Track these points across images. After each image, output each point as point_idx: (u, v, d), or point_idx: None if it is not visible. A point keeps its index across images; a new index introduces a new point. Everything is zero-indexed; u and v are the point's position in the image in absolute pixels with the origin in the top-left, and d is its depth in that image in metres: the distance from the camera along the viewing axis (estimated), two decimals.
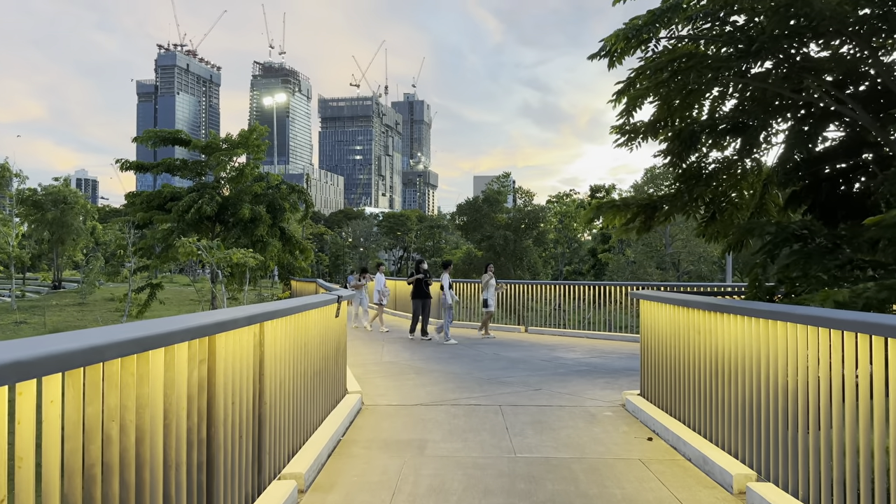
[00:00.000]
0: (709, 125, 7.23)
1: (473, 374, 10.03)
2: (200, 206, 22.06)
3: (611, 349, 13.35)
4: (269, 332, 4.44)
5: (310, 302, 5.51)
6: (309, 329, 5.65)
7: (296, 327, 5.19)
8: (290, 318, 5.00)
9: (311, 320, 5.73)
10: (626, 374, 10.07)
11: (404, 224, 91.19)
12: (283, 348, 4.85)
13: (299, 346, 5.33)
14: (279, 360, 4.72)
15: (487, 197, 47.64)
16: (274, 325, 4.56)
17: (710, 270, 31.97)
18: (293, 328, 5.11)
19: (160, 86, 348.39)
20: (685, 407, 6.13)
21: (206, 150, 23.95)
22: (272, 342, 4.53)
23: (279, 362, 4.72)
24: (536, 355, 12.32)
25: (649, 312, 7.25)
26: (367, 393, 8.30)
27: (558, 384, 9.10)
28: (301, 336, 5.38)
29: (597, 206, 8.09)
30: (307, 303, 5.41)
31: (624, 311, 16.18)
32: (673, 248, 31.84)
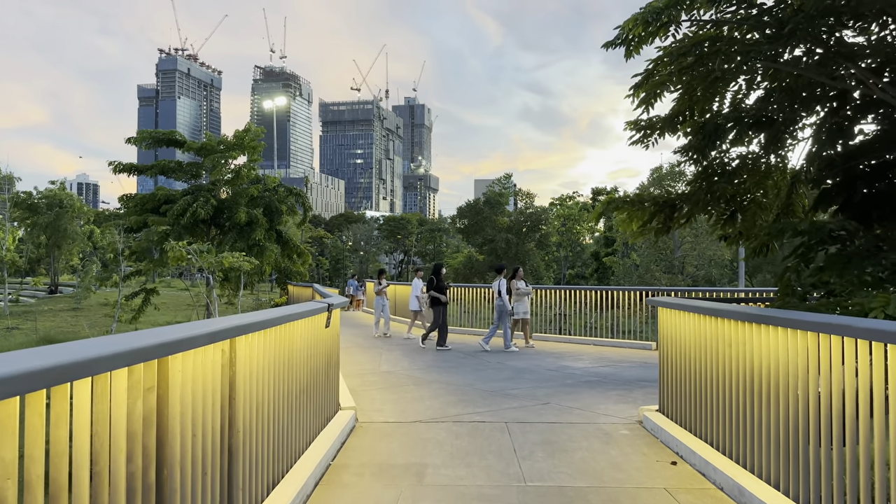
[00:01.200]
0: (734, 118, 6.62)
1: (476, 385, 9.41)
2: (195, 210, 21.47)
3: (620, 357, 12.73)
4: (242, 348, 3.83)
5: (294, 312, 4.90)
6: (294, 342, 5.04)
7: (278, 341, 4.59)
8: (271, 332, 4.40)
9: (297, 332, 5.13)
10: (640, 385, 9.45)
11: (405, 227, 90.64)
12: (262, 366, 4.24)
13: (282, 362, 4.72)
14: (256, 380, 4.12)
15: (488, 199, 46.67)
16: (249, 341, 3.95)
17: (720, 275, 31.17)
18: (274, 342, 4.51)
19: (161, 90, 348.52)
20: (713, 427, 5.51)
21: (201, 152, 23.36)
22: (246, 360, 3.92)
23: (256, 382, 4.11)
24: (542, 364, 11.70)
25: (669, 321, 6.64)
26: (362, 408, 7.69)
27: (568, 397, 8.48)
28: (284, 351, 4.78)
29: (607, 202, 7.47)
30: (291, 313, 4.80)
31: (632, 317, 15.56)
32: (681, 252, 31.09)
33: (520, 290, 13.87)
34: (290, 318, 4.74)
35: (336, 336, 6.88)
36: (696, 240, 29.73)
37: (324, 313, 5.89)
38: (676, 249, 31.13)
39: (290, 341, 4.92)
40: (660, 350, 7.02)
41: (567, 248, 51.04)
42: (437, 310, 14.18)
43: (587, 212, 54.18)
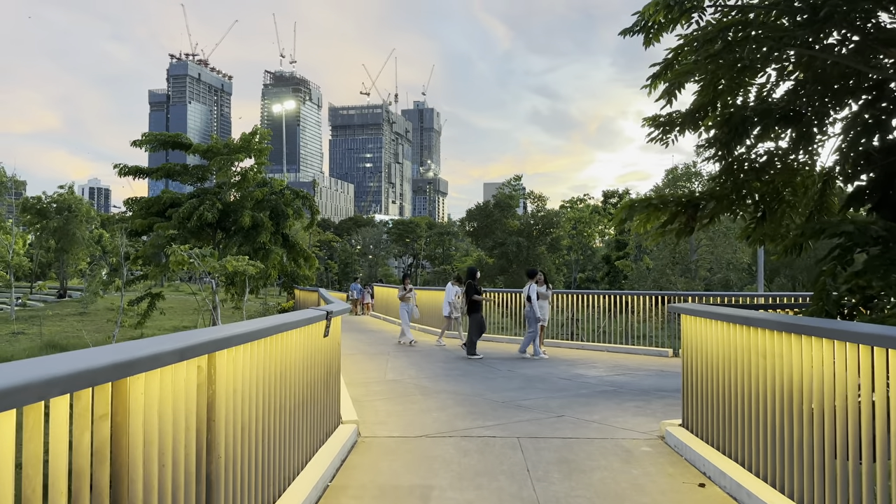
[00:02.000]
0: (762, 110, 6.16)
1: (486, 395, 8.97)
2: (202, 213, 21.14)
3: (635, 365, 12.25)
4: (224, 364, 3.42)
5: (288, 321, 4.48)
6: (288, 354, 4.62)
7: (268, 353, 4.17)
8: (260, 344, 3.98)
9: (292, 343, 4.71)
10: (658, 395, 8.98)
11: (414, 231, 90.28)
12: (249, 382, 3.83)
13: (274, 376, 4.30)
14: (242, 398, 3.70)
15: (499, 202, 45.87)
16: (232, 355, 3.53)
17: (739, 278, 30.47)
18: (264, 355, 4.09)
19: (172, 95, 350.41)
20: (746, 446, 5.05)
21: (206, 155, 23.05)
22: (229, 376, 3.50)
23: (242, 401, 3.70)
24: (554, 372, 11.24)
25: (694, 330, 6.17)
26: (365, 420, 7.26)
27: (583, 408, 8.02)
28: (277, 364, 4.36)
29: (629, 204, 7.01)
30: (283, 322, 4.38)
31: (647, 323, 15.06)
32: (698, 255, 30.40)
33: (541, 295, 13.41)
34: (282, 329, 4.32)
35: (337, 345, 6.46)
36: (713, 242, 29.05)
37: (322, 322, 5.47)
38: (692, 252, 30.44)
39: (283, 353, 4.50)
40: (683, 360, 6.56)
41: (578, 252, 50.31)
42: (476, 316, 13.53)
43: (598, 214, 53.54)
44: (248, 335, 3.66)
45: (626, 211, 6.97)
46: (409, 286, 17.17)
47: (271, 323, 4.14)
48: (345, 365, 12.03)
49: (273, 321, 4.24)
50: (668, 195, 6.90)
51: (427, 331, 19.06)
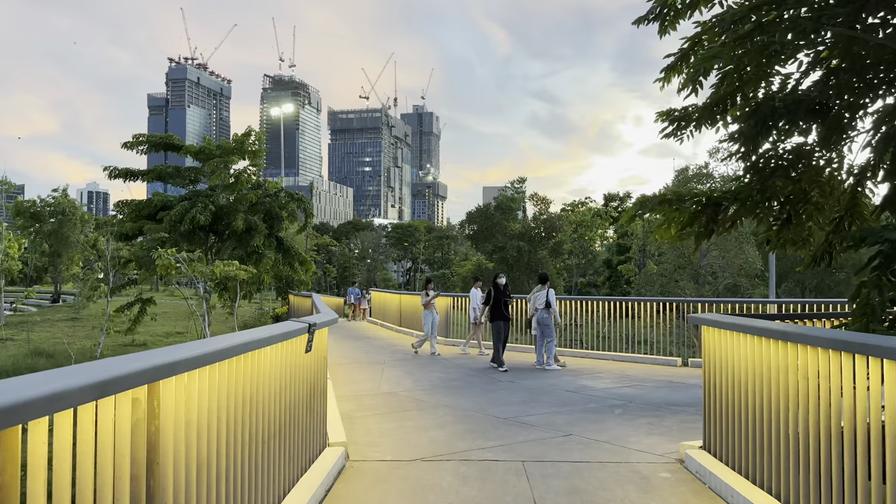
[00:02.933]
0: (793, 101, 5.57)
1: (487, 410, 8.36)
2: (194, 216, 20.53)
3: (643, 375, 11.64)
4: (170, 393, 2.81)
5: (259, 337, 3.87)
6: (261, 374, 4.02)
7: (234, 376, 3.57)
8: (223, 366, 3.38)
9: (266, 362, 4.10)
10: (671, 410, 8.37)
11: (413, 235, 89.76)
12: (208, 411, 3.22)
13: (242, 401, 3.70)
14: (198, 432, 3.10)
15: (500, 204, 44.83)
16: (183, 382, 2.93)
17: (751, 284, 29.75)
18: (229, 378, 3.48)
19: (171, 99, 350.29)
20: (782, 477, 4.44)
21: (199, 156, 22.46)
22: (179, 408, 2.90)
23: (197, 435, 3.09)
24: (559, 384, 10.63)
25: (719, 343, 5.57)
26: (355, 441, 6.66)
27: (592, 426, 7.41)
28: (246, 387, 3.76)
29: (640, 201, 6.41)
30: (255, 339, 3.78)
31: (654, 330, 14.46)
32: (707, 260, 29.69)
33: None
34: (251, 347, 3.71)
35: (323, 361, 5.85)
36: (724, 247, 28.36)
37: (304, 335, 4.86)
38: (702, 257, 29.76)
39: (254, 374, 3.90)
40: (705, 376, 5.95)
41: (579, 256, 49.56)
42: (497, 325, 12.65)
43: (600, 218, 52.80)
44: (203, 358, 3.05)
45: (637, 207, 6.36)
46: (432, 292, 15.61)
47: (238, 341, 3.53)
48: (336, 375, 11.44)
49: (241, 338, 3.64)
50: (686, 193, 6.29)
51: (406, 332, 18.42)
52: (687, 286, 28.59)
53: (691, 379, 11.18)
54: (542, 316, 12.38)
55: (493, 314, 12.76)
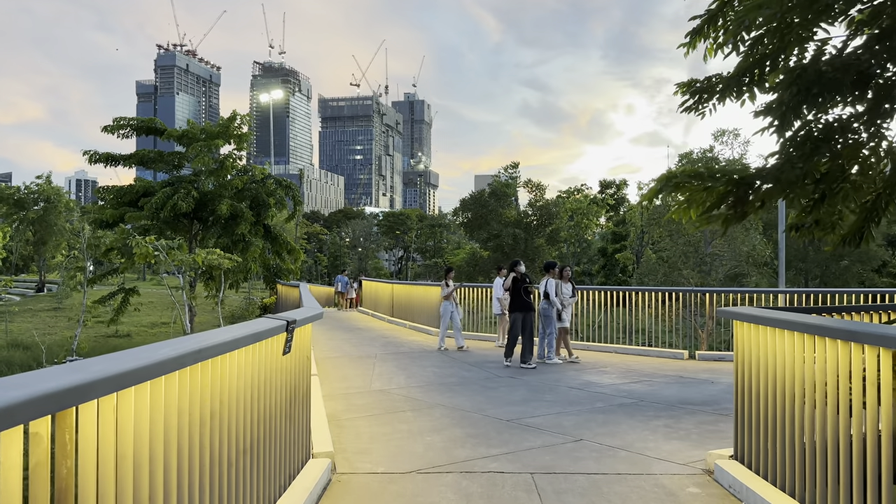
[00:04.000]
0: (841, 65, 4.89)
1: (487, 410, 7.70)
2: (176, 203, 19.72)
3: (650, 369, 11.01)
4: (90, 420, 2.12)
5: (223, 340, 3.17)
6: (226, 384, 3.32)
7: (189, 390, 2.87)
8: (172, 378, 2.68)
9: (232, 369, 3.40)
10: (686, 409, 7.73)
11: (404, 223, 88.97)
12: (151, 437, 2.53)
13: (200, 419, 3.01)
14: (138, 464, 2.40)
15: (494, 191, 43.39)
16: (111, 403, 2.24)
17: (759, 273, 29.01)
18: (180, 393, 2.79)
19: (160, 86, 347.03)
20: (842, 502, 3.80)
21: (182, 140, 21.61)
22: (107, 438, 2.21)
23: (133, 471, 2.39)
24: (562, 380, 9.98)
25: (755, 341, 4.92)
26: (343, 448, 5.98)
27: (603, 429, 6.76)
28: (205, 401, 3.06)
29: (666, 177, 5.70)
30: (216, 342, 3.08)
31: (662, 321, 13.85)
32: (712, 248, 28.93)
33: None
34: (210, 353, 3.01)
35: (305, 361, 5.15)
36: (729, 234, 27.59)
37: (280, 335, 4.16)
38: (707, 244, 29.03)
39: (217, 384, 3.20)
40: (737, 377, 5.30)
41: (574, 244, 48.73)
42: (514, 316, 11.48)
43: (596, 205, 52.03)
44: (140, 372, 2.35)
45: (662, 183, 5.66)
46: (452, 283, 14.17)
47: (192, 347, 2.82)
48: (325, 370, 10.75)
49: (196, 343, 2.93)
50: (715, 169, 5.59)
51: (417, 329, 17.78)
52: (691, 275, 27.86)
53: (701, 373, 10.58)
54: (543, 307, 11.72)
55: (514, 304, 11.53)
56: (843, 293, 12.03)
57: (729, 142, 37.04)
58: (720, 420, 7.20)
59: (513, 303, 11.54)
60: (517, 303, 11.46)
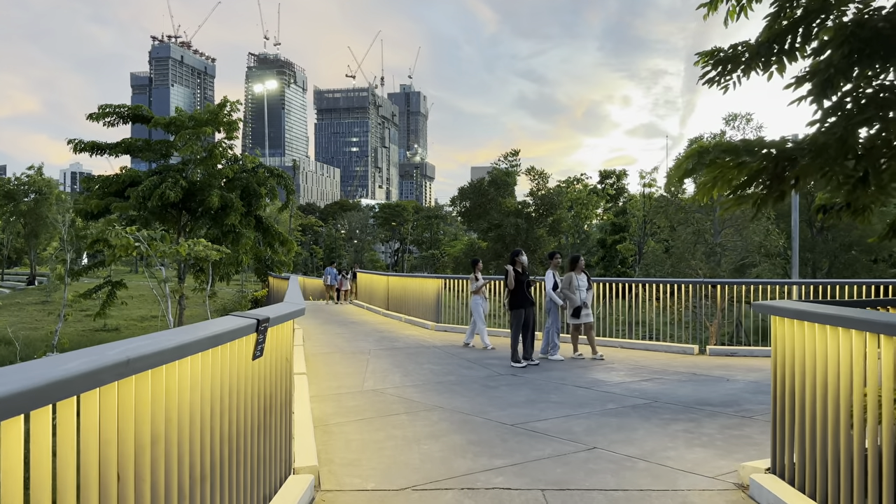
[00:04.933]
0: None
1: (489, 413, 7.07)
2: (163, 192, 19.02)
3: (660, 365, 10.40)
4: None
5: (165, 346, 2.52)
6: (172, 400, 2.67)
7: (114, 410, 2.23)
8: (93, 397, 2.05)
9: (183, 379, 2.76)
10: (707, 412, 7.11)
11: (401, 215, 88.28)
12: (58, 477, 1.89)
13: (138, 445, 2.37)
14: None
15: (494, 179, 42.01)
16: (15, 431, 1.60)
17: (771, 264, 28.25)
18: (103, 415, 2.15)
19: (154, 78, 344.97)
20: None
21: (169, 128, 20.88)
22: None
23: None
24: (568, 378, 9.37)
25: (799, 339, 4.29)
26: (330, 458, 5.36)
27: (618, 434, 6.14)
28: (146, 422, 2.42)
29: (696, 151, 5.04)
30: (159, 349, 2.44)
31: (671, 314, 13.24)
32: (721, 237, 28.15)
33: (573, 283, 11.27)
34: (148, 363, 2.36)
35: (285, 364, 4.51)
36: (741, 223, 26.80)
37: (250, 336, 3.52)
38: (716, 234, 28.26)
39: (161, 401, 2.55)
40: (776, 379, 4.67)
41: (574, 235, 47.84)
42: (517, 313, 10.58)
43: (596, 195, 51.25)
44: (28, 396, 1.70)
45: (692, 159, 4.99)
46: (481, 276, 13.01)
47: (115, 358, 2.17)
48: (315, 367, 10.12)
49: (126, 351, 2.28)
50: (754, 142, 4.93)
51: (413, 322, 17.16)
52: (699, 265, 27.11)
53: (715, 370, 9.97)
54: (548, 301, 11.12)
55: (515, 299, 10.64)
56: (862, 284, 11.43)
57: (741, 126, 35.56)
58: (745, 424, 6.59)
59: (514, 298, 10.68)
60: (519, 297, 10.66)
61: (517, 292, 10.66)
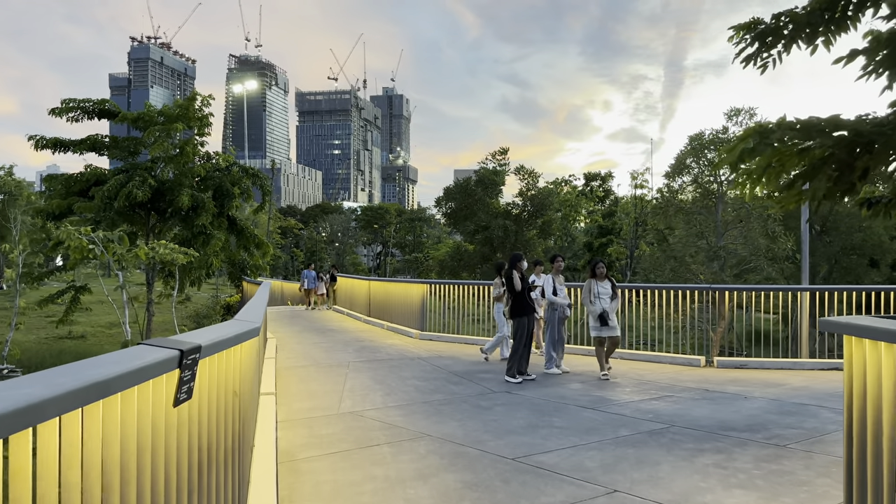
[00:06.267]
0: None
1: (485, 442, 6.10)
2: (130, 191, 17.85)
3: (667, 380, 9.50)
4: None
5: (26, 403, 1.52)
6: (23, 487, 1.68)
7: None
8: None
9: (49, 451, 1.76)
10: (734, 440, 6.19)
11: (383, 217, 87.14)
12: None
13: None
14: None
15: (482, 178, 40.19)
16: None
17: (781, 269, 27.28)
18: None
19: (133, 79, 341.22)
20: None
21: (137, 124, 19.70)
22: None
23: None
24: (569, 395, 8.43)
25: (887, 366, 3.37)
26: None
27: (639, 472, 5.20)
28: None
29: (758, 131, 4.09)
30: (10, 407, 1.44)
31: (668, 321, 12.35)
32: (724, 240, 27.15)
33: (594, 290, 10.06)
34: None
35: (232, 400, 3.50)
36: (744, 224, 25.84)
37: (170, 374, 2.51)
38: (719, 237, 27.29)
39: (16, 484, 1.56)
40: (851, 413, 3.74)
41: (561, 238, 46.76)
42: (518, 322, 9.59)
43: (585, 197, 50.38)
44: None
45: (752, 138, 4.02)
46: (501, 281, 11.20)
47: None
48: (287, 385, 9.09)
49: None
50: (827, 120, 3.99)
51: (396, 330, 16.16)
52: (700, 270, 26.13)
53: (728, 385, 9.09)
54: (548, 310, 10.20)
55: (518, 307, 9.59)
56: (881, 291, 10.63)
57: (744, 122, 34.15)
58: (781, 455, 5.68)
59: (516, 305, 9.60)
60: (522, 305, 9.58)
61: (520, 299, 9.63)
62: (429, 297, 15.33)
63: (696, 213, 30.00)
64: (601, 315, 9.62)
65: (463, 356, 11.92)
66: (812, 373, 10.23)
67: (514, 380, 9.22)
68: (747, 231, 25.85)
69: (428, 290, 15.38)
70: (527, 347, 9.56)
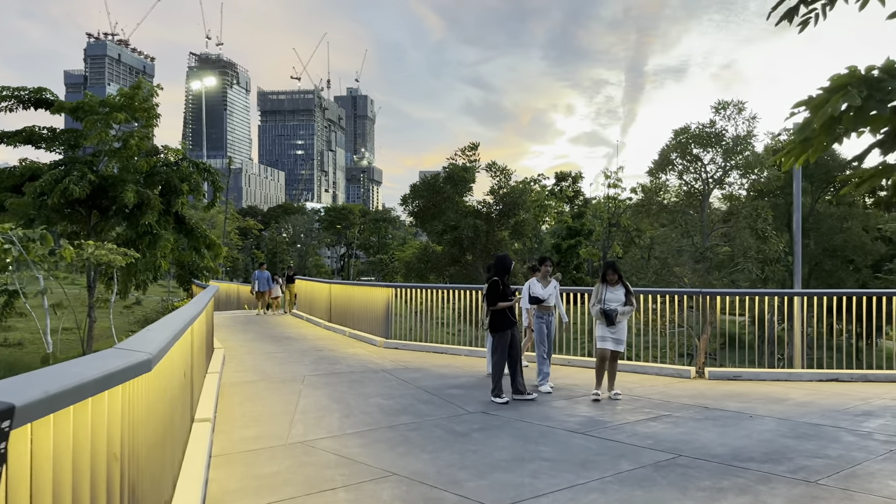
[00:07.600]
0: None
1: (464, 483, 5.04)
2: (66, 187, 16.36)
3: (658, 395, 8.57)
4: None
5: None
6: None
7: None
8: None
9: None
10: (755, 474, 5.24)
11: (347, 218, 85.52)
12: None
13: None
14: None
15: (451, 175, 38.38)
16: None
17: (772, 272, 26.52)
18: None
19: (90, 76, 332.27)
20: None
21: (76, 114, 18.17)
22: None
23: None
24: (553, 415, 7.42)
25: None
26: None
27: None
28: None
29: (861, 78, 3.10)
30: None
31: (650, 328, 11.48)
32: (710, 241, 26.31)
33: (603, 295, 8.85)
34: None
35: (108, 465, 2.37)
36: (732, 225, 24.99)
37: None
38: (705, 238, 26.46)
39: None
40: None
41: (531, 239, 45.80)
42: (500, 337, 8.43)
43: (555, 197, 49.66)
44: None
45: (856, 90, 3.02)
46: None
47: None
48: (230, 406, 7.88)
49: None
50: None
51: (358, 337, 15.02)
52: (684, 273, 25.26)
53: (727, 401, 8.19)
54: (536, 318, 9.12)
55: (499, 319, 8.43)
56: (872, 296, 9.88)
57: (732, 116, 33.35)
58: (817, 496, 4.74)
59: (496, 319, 8.44)
60: (502, 318, 8.42)
61: (501, 311, 8.47)
62: (394, 302, 14.22)
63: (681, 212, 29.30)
64: (606, 313, 8.33)
65: (432, 367, 10.85)
66: (812, 385, 9.42)
67: (499, 399, 8.12)
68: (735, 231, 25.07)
69: (393, 294, 14.28)
70: (517, 363, 8.44)
